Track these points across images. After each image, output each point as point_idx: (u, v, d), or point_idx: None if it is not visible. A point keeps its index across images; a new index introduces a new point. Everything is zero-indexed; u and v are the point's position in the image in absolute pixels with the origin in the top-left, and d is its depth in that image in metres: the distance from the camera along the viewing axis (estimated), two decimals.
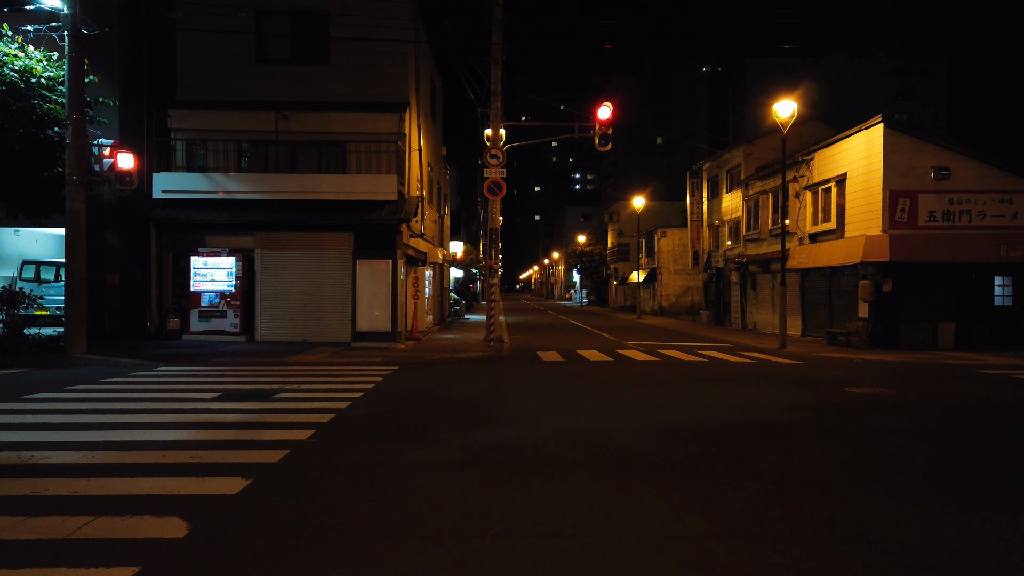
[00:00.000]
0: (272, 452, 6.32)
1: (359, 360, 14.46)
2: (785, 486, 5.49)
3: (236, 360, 14.12)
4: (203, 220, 17.78)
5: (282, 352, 15.58)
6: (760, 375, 12.92)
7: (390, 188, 17.81)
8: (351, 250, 17.94)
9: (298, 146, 19.10)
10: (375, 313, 17.73)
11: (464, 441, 6.98)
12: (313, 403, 9.09)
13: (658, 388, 11.06)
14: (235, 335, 17.72)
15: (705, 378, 12.35)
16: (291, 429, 7.36)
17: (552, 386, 11.21)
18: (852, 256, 18.71)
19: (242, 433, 7.18)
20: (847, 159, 19.99)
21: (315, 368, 13.14)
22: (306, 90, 18.85)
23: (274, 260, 18.26)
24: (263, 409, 8.55)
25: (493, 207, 19.92)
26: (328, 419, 7.93)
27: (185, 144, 18.87)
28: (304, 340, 18.03)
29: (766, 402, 9.66)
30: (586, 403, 9.48)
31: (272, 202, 17.95)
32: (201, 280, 17.86)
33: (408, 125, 19.30)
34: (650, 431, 7.54)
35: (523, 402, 9.46)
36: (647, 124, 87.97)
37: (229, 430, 7.31)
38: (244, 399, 9.31)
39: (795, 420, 8.34)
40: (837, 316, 20.42)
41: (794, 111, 18.41)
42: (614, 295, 58.34)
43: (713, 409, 9.00)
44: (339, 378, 11.74)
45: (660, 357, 15.99)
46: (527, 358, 15.83)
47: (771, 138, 28.28)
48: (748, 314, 27.73)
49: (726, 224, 30.54)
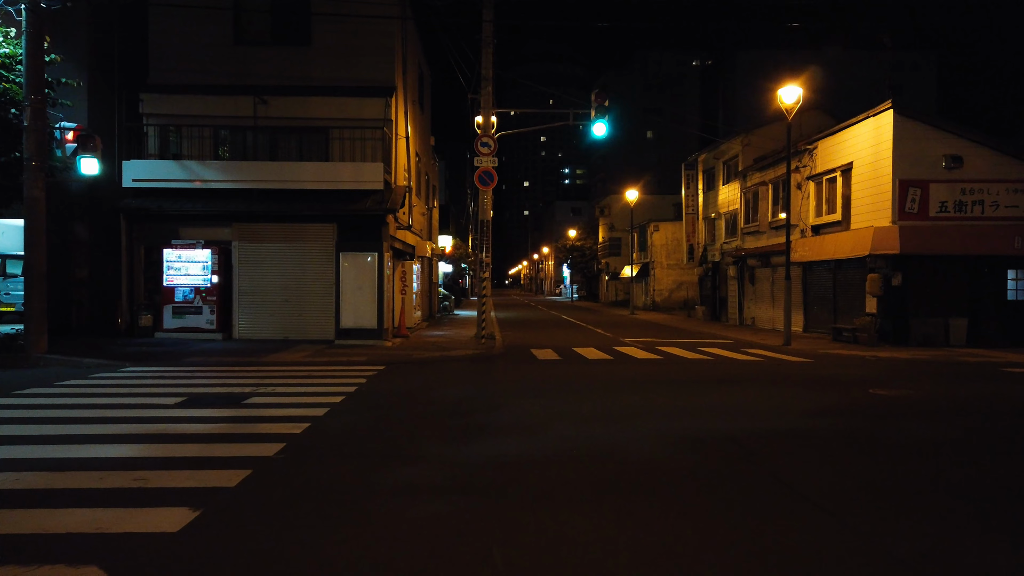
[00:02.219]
0: (231, 473, 5.37)
1: (342, 359, 13.50)
2: (840, 514, 4.61)
3: (209, 360, 13.13)
4: (177, 210, 16.74)
5: (260, 351, 14.59)
6: (772, 375, 12.07)
7: (375, 177, 16.83)
8: (334, 242, 16.94)
9: (278, 132, 18.08)
10: (360, 309, 16.75)
11: (456, 457, 6.06)
12: (287, 409, 8.13)
13: (667, 390, 10.18)
14: (211, 332, 16.70)
15: (714, 379, 11.48)
16: (258, 443, 6.42)
17: (551, 388, 10.31)
18: (859, 249, 17.91)
19: (201, 448, 6.23)
20: (853, 148, 19.17)
21: (294, 369, 12.18)
22: (286, 73, 17.81)
23: (253, 253, 17.24)
24: (230, 417, 7.60)
25: (484, 198, 18.99)
26: (302, 429, 6.99)
27: (158, 130, 17.80)
28: (285, 338, 17.04)
29: (788, 406, 8.80)
30: (591, 408, 8.58)
31: (250, 191, 16.93)
32: (175, 274, 16.82)
33: (394, 111, 18.31)
34: (668, 442, 6.65)
35: (521, 407, 8.55)
36: (637, 118, 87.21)
37: (186, 444, 6.36)
38: (210, 405, 8.35)
39: (826, 428, 7.47)
40: (842, 311, 19.63)
41: (799, 97, 17.57)
42: (605, 290, 57.53)
43: (732, 415, 8.12)
44: (319, 380, 10.79)
45: (662, 355, 15.12)
46: (521, 356, 14.92)
47: (770, 128, 27.47)
48: (746, 309, 26.94)
49: (723, 217, 29.73)
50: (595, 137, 19.57)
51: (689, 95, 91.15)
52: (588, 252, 62.57)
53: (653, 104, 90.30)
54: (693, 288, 40.01)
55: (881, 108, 17.79)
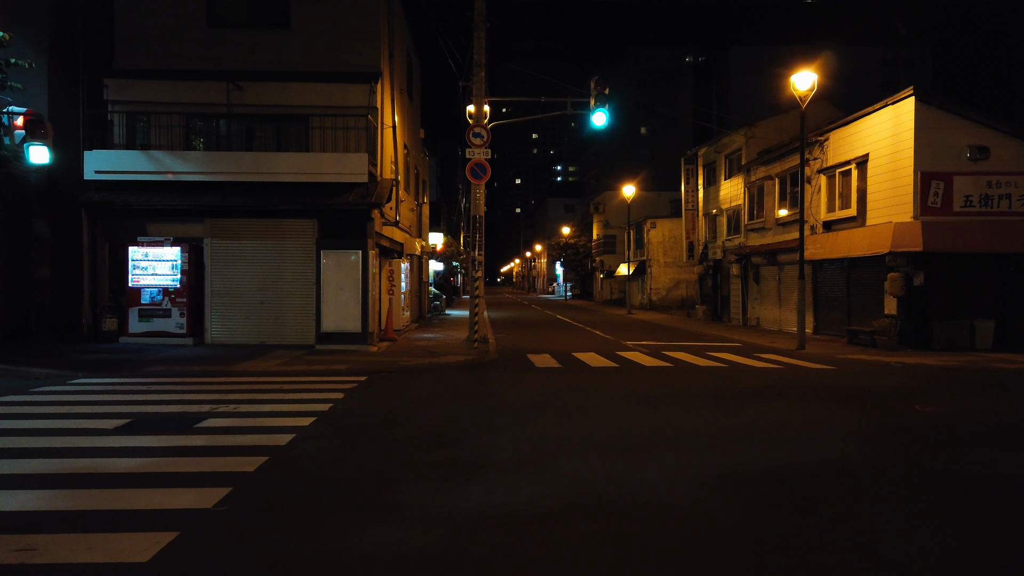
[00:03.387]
0: (149, 537, 4.13)
1: (320, 368, 12.25)
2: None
3: (172, 369, 11.85)
4: (144, 205, 15.42)
5: (232, 358, 13.32)
6: (797, 386, 10.90)
7: (359, 168, 15.57)
8: (315, 239, 15.67)
9: (254, 121, 16.78)
10: (342, 311, 15.49)
11: (444, 507, 4.83)
12: (245, 436, 6.89)
13: (685, 406, 8.98)
14: (181, 337, 15.40)
15: (735, 391, 10.29)
16: (198, 486, 5.18)
17: (553, 404, 9.09)
18: (877, 246, 16.76)
19: (122, 495, 4.98)
20: (869, 138, 18.02)
21: (264, 380, 10.91)
22: (263, 58, 16.53)
23: (226, 250, 15.94)
24: (173, 448, 6.35)
25: (477, 192, 17.77)
26: (256, 466, 5.75)
27: (125, 119, 16.44)
28: (262, 342, 15.76)
29: (829, 429, 7.61)
30: (603, 432, 7.36)
31: (224, 184, 15.64)
32: (141, 274, 15.50)
33: (380, 98, 17.04)
34: (705, 483, 5.44)
35: (520, 431, 7.32)
36: (631, 114, 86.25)
37: (106, 490, 5.11)
38: (155, 429, 7.09)
39: (886, 461, 6.28)
40: (857, 312, 18.49)
41: (814, 83, 16.45)
42: (600, 288, 56.36)
43: (769, 442, 6.92)
44: (290, 394, 9.54)
45: (670, 362, 13.93)
46: (517, 363, 13.71)
47: (775, 120, 26.34)
48: (750, 309, 25.80)
49: (725, 213, 28.57)
50: (594, 127, 18.35)
51: (683, 91, 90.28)
52: (582, 250, 61.36)
53: (646, 100, 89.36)
54: (691, 287, 38.88)
55: (901, 95, 16.64)
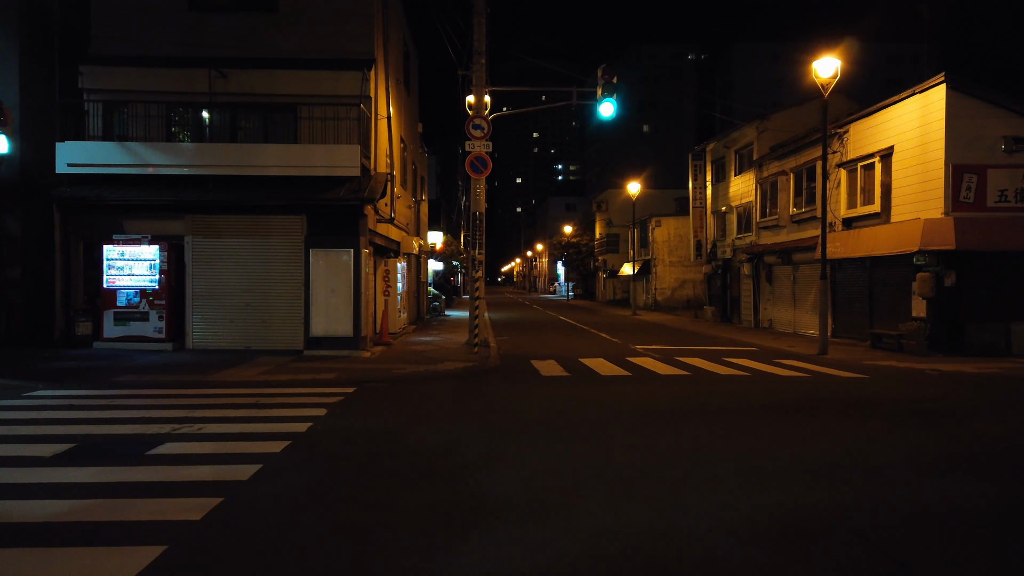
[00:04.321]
0: None
1: (306, 377, 11.19)
2: None
3: (143, 379, 10.79)
4: (118, 200, 14.36)
5: (211, 365, 12.26)
6: (834, 399, 9.83)
7: (351, 161, 14.51)
8: (303, 237, 14.62)
9: (239, 111, 15.72)
10: (333, 314, 14.43)
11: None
12: (201, 467, 5.83)
13: (714, 426, 7.91)
14: (159, 342, 14.34)
15: (766, 406, 9.23)
16: (126, 544, 4.11)
17: (564, 423, 8.02)
18: (905, 243, 15.69)
19: (19, 557, 3.92)
20: (894, 130, 16.95)
21: (241, 392, 9.85)
22: (249, 43, 15.45)
23: (209, 249, 14.90)
24: (111, 485, 5.28)
25: (477, 187, 16.72)
26: (205, 512, 4.68)
27: (101, 108, 15.37)
28: (247, 347, 14.71)
29: (887, 455, 6.54)
30: (624, 461, 6.29)
31: (206, 178, 14.58)
32: (117, 274, 14.44)
33: (374, 86, 15.97)
34: (761, 536, 4.37)
35: (528, 460, 6.26)
36: (633, 112, 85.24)
37: (7, 550, 4.05)
38: (99, 458, 6.04)
39: (969, 501, 5.19)
40: (880, 314, 17.43)
41: (837, 69, 15.35)
42: (603, 288, 55.29)
43: (823, 474, 5.86)
44: (267, 410, 8.48)
45: (687, 369, 12.86)
46: (521, 370, 12.65)
47: (788, 113, 25.27)
48: (762, 311, 24.73)
49: (735, 210, 27.49)
50: (601, 118, 17.30)
51: (685, 89, 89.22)
52: (584, 249, 60.26)
53: (649, 97, 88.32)
54: (697, 287, 37.82)
55: (930, 83, 15.57)
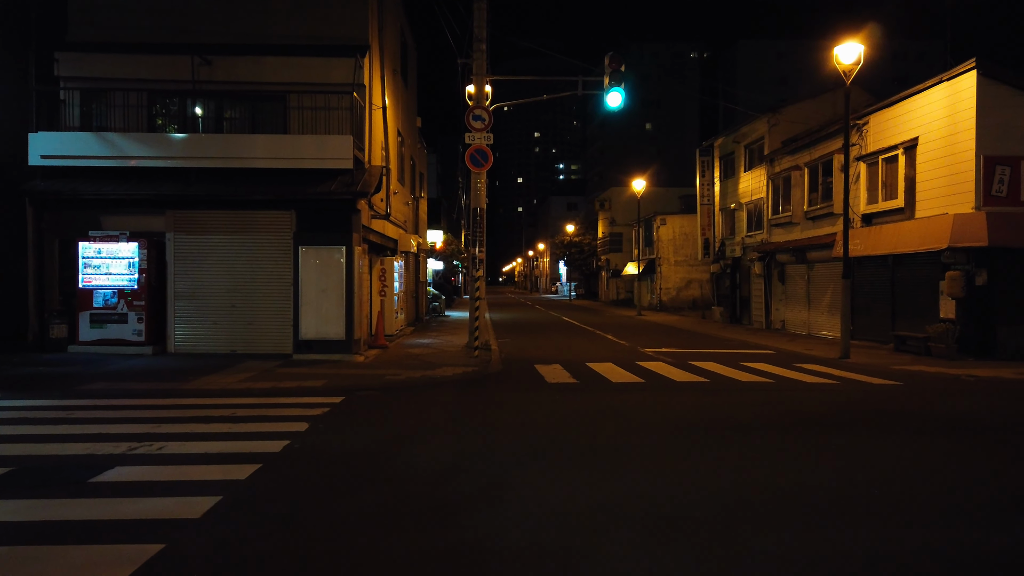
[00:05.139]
0: None
1: (291, 384, 10.29)
2: None
3: (113, 388, 9.88)
4: (95, 194, 13.46)
5: (191, 371, 11.36)
6: (872, 410, 8.91)
7: (343, 152, 13.61)
8: (293, 233, 13.73)
9: (225, 100, 14.85)
10: (324, 316, 13.54)
11: None
12: (149, 501, 4.91)
13: (748, 445, 6.97)
14: (139, 345, 13.45)
15: (799, 419, 8.30)
16: None
17: (576, 441, 7.10)
18: (932, 240, 14.77)
19: None
20: (919, 120, 16.03)
21: (217, 403, 8.93)
22: (236, 28, 14.59)
23: (192, 247, 14.01)
24: (38, 526, 4.37)
25: (477, 182, 15.82)
26: (137, 566, 3.77)
27: (79, 97, 14.50)
28: (232, 351, 13.82)
29: (963, 484, 5.62)
30: (653, 493, 5.35)
31: (189, 171, 13.69)
32: (93, 273, 13.56)
33: (368, 74, 15.07)
34: None
35: (539, 492, 5.31)
36: (635, 110, 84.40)
37: None
38: (35, 487, 5.13)
39: None
40: (903, 315, 16.51)
41: (860, 56, 14.44)
42: (605, 288, 54.38)
43: (903, 510, 4.92)
44: (242, 424, 7.57)
45: (703, 375, 11.95)
46: (524, 376, 11.74)
47: (801, 106, 24.37)
48: (773, 311, 23.81)
49: (744, 208, 26.56)
50: (608, 108, 16.35)
51: (689, 87, 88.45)
52: (587, 248, 59.37)
53: (652, 96, 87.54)
54: (704, 287, 36.94)
55: (960, 70, 14.65)
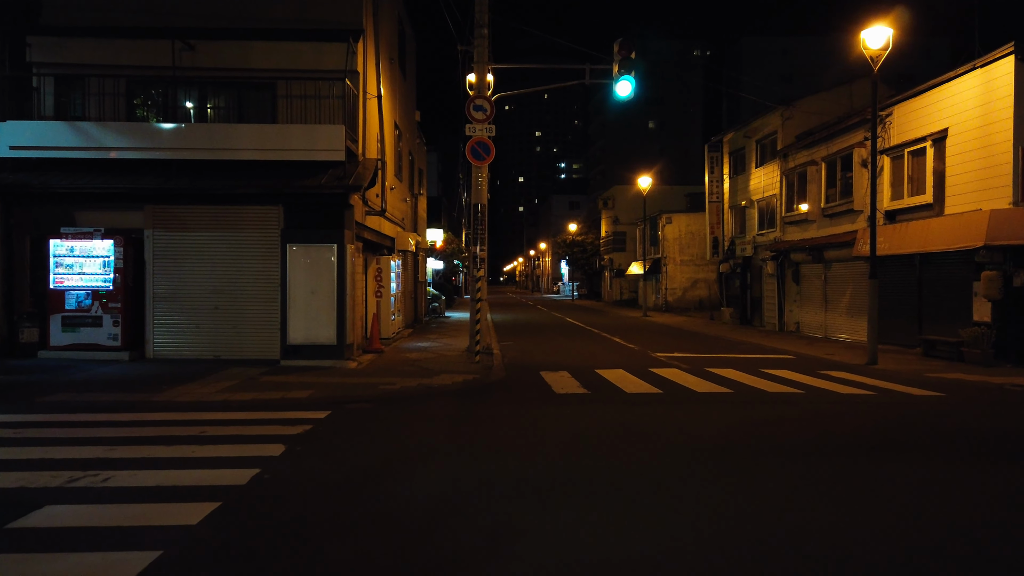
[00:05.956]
0: None
1: (274, 396, 9.33)
2: None
3: (77, 400, 8.93)
4: (68, 187, 12.51)
5: (166, 380, 10.41)
6: (924, 428, 7.95)
7: (334, 143, 12.66)
8: (280, 230, 12.79)
9: (209, 87, 13.93)
10: (314, 319, 12.59)
11: None
12: (70, 556, 3.94)
13: (809, 476, 5.99)
14: (115, 351, 12.50)
15: (854, 438, 7.32)
16: None
17: (597, 472, 6.12)
18: (965, 238, 13.80)
19: None
20: (949, 110, 15.07)
21: (187, 419, 7.97)
22: (220, 11, 13.69)
23: (172, 245, 13.06)
24: None
25: (479, 176, 14.90)
26: None
27: (53, 84, 13.60)
28: (216, 356, 12.88)
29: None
30: (707, 547, 4.39)
31: (169, 163, 12.75)
32: (65, 273, 12.61)
33: (362, 60, 14.12)
34: None
35: (555, 542, 4.34)
36: (638, 108, 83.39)
37: None
38: None
39: None
40: (931, 318, 15.54)
41: (888, 40, 13.48)
42: (609, 288, 53.41)
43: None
44: (209, 447, 6.61)
45: (723, 383, 10.98)
46: (530, 386, 10.78)
47: (816, 99, 23.40)
48: (787, 313, 22.84)
49: (755, 205, 25.58)
50: (618, 98, 15.39)
51: (692, 84, 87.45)
52: (589, 247, 58.40)
53: (655, 93, 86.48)
54: (711, 287, 35.96)
55: (995, 55, 13.68)
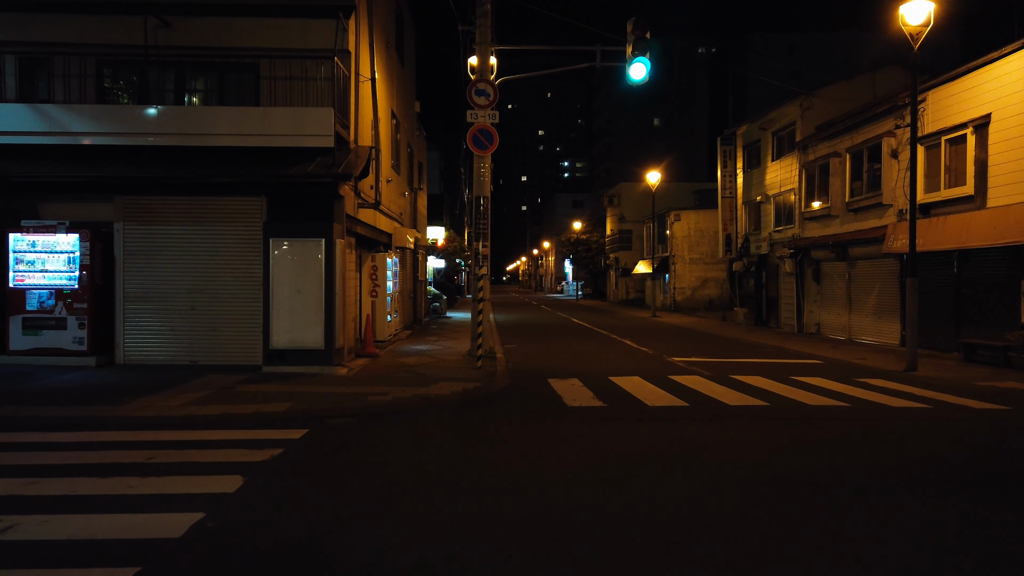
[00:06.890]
0: None
1: (247, 409, 8.17)
2: None
3: (18, 416, 7.78)
4: (29, 176, 11.37)
5: (131, 390, 9.26)
6: (1009, 453, 6.78)
7: (323, 128, 11.48)
8: (263, 223, 11.64)
9: (187, 68, 12.76)
10: (299, 320, 11.44)
11: None
12: None
13: (901, 521, 4.85)
14: (80, 356, 11.35)
15: (943, 472, 6.14)
16: None
17: (627, 515, 4.94)
18: (1012, 233, 12.61)
19: None
20: (991, 95, 13.88)
21: (140, 440, 6.80)
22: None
23: (145, 239, 11.90)
24: None
25: (481, 167, 13.74)
26: None
27: (15, 65, 12.46)
28: (193, 362, 11.73)
29: None
30: None
31: (141, 150, 11.60)
32: (26, 270, 11.47)
33: (353, 39, 12.96)
34: None
35: None
36: (643, 105, 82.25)
37: None
38: None
39: None
40: (970, 320, 14.35)
41: (929, 15, 12.30)
42: (614, 288, 52.19)
43: None
44: (153, 480, 5.44)
45: (755, 395, 9.80)
46: (538, 396, 9.61)
47: (837, 88, 22.19)
48: (807, 314, 21.64)
49: (772, 200, 24.38)
50: (632, 81, 14.12)
51: (697, 80, 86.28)
52: (594, 246, 57.17)
53: (660, 90, 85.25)
54: (721, 286, 34.75)
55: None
